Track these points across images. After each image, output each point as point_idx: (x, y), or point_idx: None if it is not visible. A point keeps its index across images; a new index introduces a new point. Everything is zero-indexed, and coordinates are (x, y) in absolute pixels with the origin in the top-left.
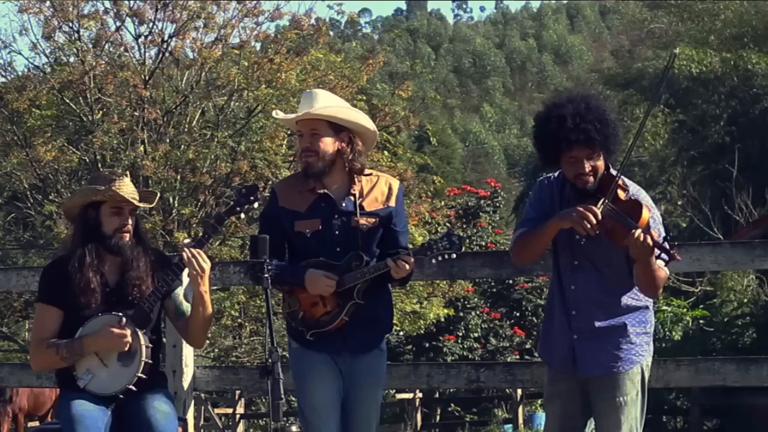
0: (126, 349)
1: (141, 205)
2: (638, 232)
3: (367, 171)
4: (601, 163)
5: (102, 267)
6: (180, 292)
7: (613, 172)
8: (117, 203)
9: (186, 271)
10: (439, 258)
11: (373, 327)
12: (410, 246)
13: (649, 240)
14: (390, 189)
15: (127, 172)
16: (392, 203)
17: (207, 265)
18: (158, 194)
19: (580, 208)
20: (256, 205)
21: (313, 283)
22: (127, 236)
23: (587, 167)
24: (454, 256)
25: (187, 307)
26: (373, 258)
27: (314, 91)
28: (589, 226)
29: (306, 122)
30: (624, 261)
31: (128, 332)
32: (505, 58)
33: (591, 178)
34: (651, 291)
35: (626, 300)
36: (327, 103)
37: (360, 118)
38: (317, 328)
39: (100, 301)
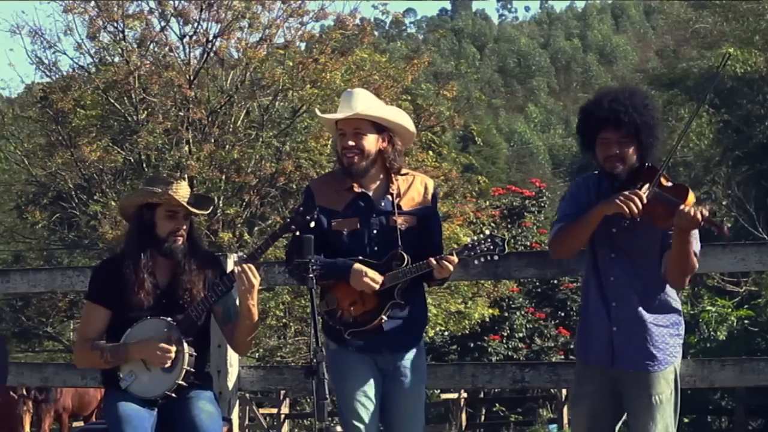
0: (167, 366)
1: (196, 212)
2: (688, 206)
3: (403, 170)
4: (631, 152)
5: (154, 268)
6: (230, 296)
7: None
8: (172, 207)
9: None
10: (482, 259)
11: (411, 325)
12: (444, 244)
13: (698, 213)
14: (426, 188)
15: (185, 176)
16: (429, 202)
17: (257, 281)
18: (214, 200)
19: (626, 192)
20: (312, 225)
21: (358, 277)
22: (180, 240)
23: (615, 150)
24: (497, 257)
25: (235, 312)
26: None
27: (354, 91)
28: (635, 208)
29: (350, 121)
30: (659, 253)
31: (173, 350)
32: (549, 58)
33: (619, 165)
34: (680, 274)
35: (662, 296)
36: (369, 103)
37: (403, 118)
38: (355, 327)
39: (151, 303)
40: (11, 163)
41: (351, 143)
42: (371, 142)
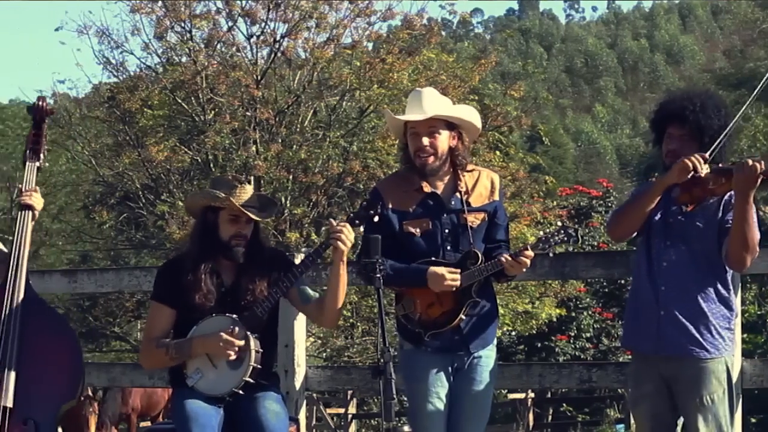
0: (232, 359)
1: (257, 218)
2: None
3: (468, 166)
4: (691, 151)
5: (218, 268)
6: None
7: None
8: (234, 212)
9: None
10: (553, 253)
11: (486, 323)
12: (510, 245)
13: (758, 164)
14: (492, 183)
15: (251, 179)
16: (496, 197)
17: (350, 241)
18: (278, 205)
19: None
20: (376, 219)
21: (437, 279)
22: (242, 244)
23: (676, 145)
24: (571, 248)
25: (311, 293)
26: None
27: (423, 90)
28: (697, 164)
29: (423, 121)
30: (716, 240)
31: (237, 344)
32: (617, 58)
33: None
34: (740, 248)
35: (716, 288)
36: (440, 101)
37: (474, 116)
38: (434, 329)
39: (215, 302)
40: (79, 163)
41: (426, 143)
42: (444, 141)
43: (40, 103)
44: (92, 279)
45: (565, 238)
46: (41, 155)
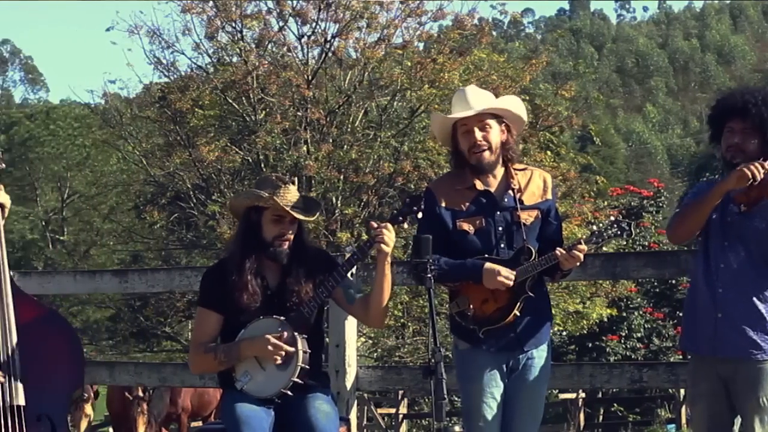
0: (280, 362)
1: (301, 218)
2: None
3: (520, 166)
4: (753, 145)
5: (263, 270)
6: (345, 277)
7: None
8: (278, 212)
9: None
10: (597, 249)
11: (541, 321)
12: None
13: None
14: (545, 182)
15: (294, 179)
16: (549, 196)
17: (392, 241)
18: (321, 205)
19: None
20: (420, 215)
21: (492, 276)
22: (286, 245)
23: (737, 139)
24: (624, 242)
25: (357, 289)
26: None
27: (465, 89)
28: (756, 173)
29: (473, 116)
30: None
31: (285, 348)
32: (668, 58)
33: (739, 155)
34: None
35: None
36: (484, 96)
37: (521, 108)
38: (489, 325)
39: (260, 305)
40: (129, 163)
41: (480, 138)
42: (496, 134)
43: None
44: (143, 279)
45: (618, 232)
46: None
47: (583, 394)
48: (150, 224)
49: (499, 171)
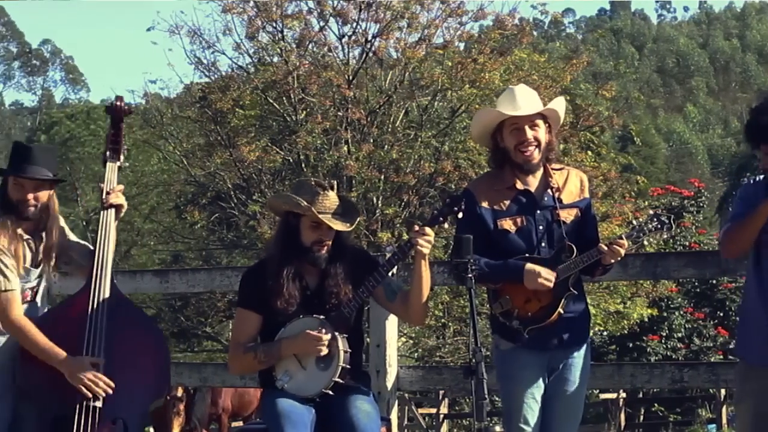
0: (322, 354)
1: (339, 228)
2: None
3: (557, 165)
4: None
5: (302, 271)
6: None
7: None
8: (316, 220)
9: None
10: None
11: (582, 320)
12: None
13: None
14: (582, 181)
15: (334, 183)
16: (586, 194)
17: (430, 244)
18: (360, 211)
19: None
20: (460, 215)
21: (533, 277)
22: (324, 250)
23: None
24: (665, 235)
25: (397, 287)
26: None
27: (515, 87)
28: None
29: (525, 116)
30: None
31: (326, 338)
32: (708, 58)
33: None
34: None
35: None
36: (535, 97)
37: (564, 109)
38: (533, 324)
39: (299, 306)
40: (170, 163)
41: (530, 136)
42: (543, 134)
43: (118, 102)
44: (184, 279)
45: (659, 226)
46: (121, 155)
47: (623, 394)
48: (191, 224)
49: (539, 171)
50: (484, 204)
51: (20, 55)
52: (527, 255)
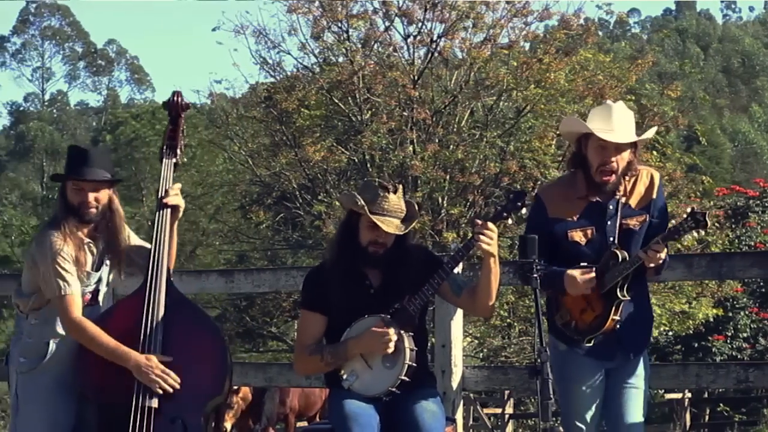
0: (390, 351)
1: (389, 230)
2: None
3: None
4: None
5: (364, 270)
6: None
7: None
8: (372, 221)
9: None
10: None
11: (641, 325)
12: None
13: None
14: (652, 179)
15: (400, 187)
16: (654, 195)
17: (494, 239)
18: (418, 215)
19: None
20: (523, 211)
21: (572, 283)
22: (381, 250)
23: None
24: (702, 232)
25: (462, 281)
26: None
27: (613, 106)
28: None
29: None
30: None
31: (392, 334)
32: None
33: None
34: None
35: None
36: (631, 121)
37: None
38: (591, 333)
39: (364, 305)
40: (236, 163)
41: (613, 160)
42: (625, 159)
43: (175, 98)
44: (249, 279)
45: (694, 225)
46: (178, 151)
47: (689, 394)
48: (256, 224)
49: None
50: (554, 215)
51: (85, 55)
52: (582, 264)
